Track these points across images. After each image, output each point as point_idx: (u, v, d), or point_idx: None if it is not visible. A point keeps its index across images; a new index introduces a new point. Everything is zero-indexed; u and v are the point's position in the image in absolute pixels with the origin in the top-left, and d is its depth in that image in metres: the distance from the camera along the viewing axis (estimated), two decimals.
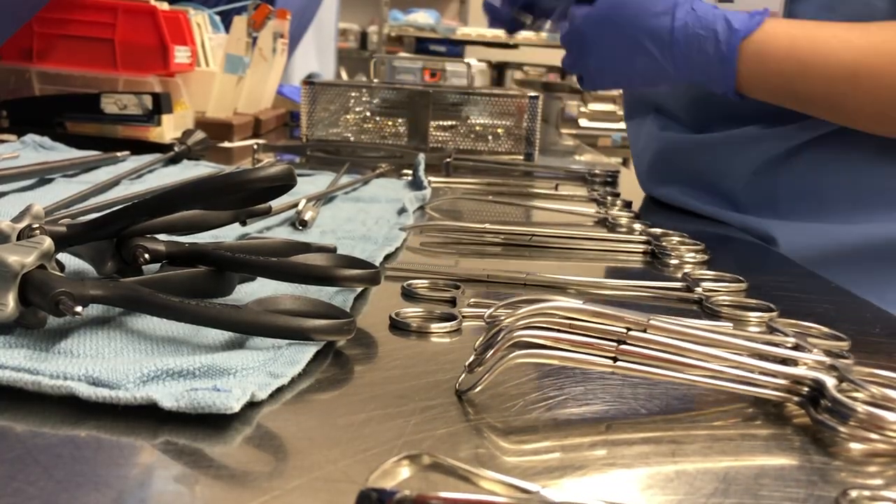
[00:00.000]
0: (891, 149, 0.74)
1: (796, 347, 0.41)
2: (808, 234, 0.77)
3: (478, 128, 1.20)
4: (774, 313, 0.50)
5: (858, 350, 0.44)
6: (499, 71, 4.65)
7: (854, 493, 0.28)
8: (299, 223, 0.64)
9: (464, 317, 0.45)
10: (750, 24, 0.71)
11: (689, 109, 0.88)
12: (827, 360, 0.39)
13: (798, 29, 0.72)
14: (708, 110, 0.85)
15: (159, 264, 0.45)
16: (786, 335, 0.43)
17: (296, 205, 0.68)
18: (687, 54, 0.73)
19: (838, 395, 0.34)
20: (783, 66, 0.71)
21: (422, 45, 4.52)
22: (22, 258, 0.36)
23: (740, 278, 0.57)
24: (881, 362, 0.44)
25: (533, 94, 1.18)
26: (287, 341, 0.37)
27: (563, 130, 2.95)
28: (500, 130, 1.20)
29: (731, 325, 0.47)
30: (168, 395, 0.31)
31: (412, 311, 0.46)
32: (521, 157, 1.18)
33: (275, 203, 0.53)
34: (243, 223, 0.60)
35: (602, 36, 0.77)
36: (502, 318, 0.36)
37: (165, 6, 1.13)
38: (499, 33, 4.44)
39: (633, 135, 1.01)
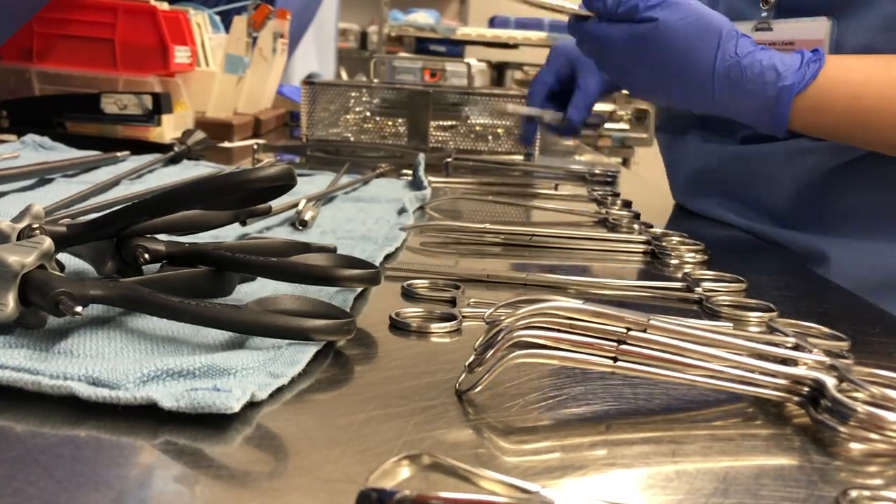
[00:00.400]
0: None
1: (796, 347, 0.41)
2: (864, 253, 0.73)
3: (478, 128, 1.20)
4: (774, 313, 0.50)
5: (858, 350, 0.44)
6: (499, 71, 4.65)
7: (854, 493, 0.28)
8: (299, 223, 0.64)
9: (464, 317, 0.45)
10: (804, 76, 0.65)
11: (736, 122, 0.82)
12: (827, 360, 0.39)
13: (857, 74, 0.66)
14: None
15: (159, 264, 0.45)
16: (786, 335, 0.43)
17: (296, 205, 0.68)
18: (729, 103, 0.67)
19: (838, 395, 0.34)
20: (842, 118, 0.66)
21: (422, 45, 4.52)
22: (22, 258, 0.36)
23: (740, 278, 0.57)
24: (881, 362, 0.44)
25: None
26: (287, 341, 0.37)
27: None
28: (500, 130, 1.20)
29: (731, 325, 0.48)
30: (168, 395, 0.31)
31: (412, 311, 0.46)
32: (521, 157, 1.18)
33: (275, 203, 0.53)
34: (243, 223, 0.60)
35: (635, 63, 0.70)
36: (502, 318, 0.36)
37: (165, 6, 1.13)
38: (499, 33, 4.44)
39: (669, 145, 0.97)
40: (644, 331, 0.36)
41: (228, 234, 0.59)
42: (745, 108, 0.68)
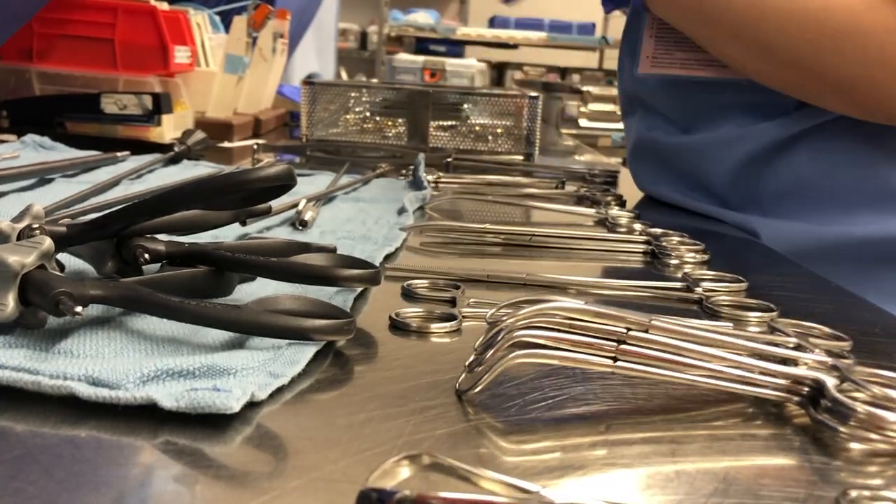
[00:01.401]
0: (868, 147, 0.75)
1: (798, 347, 0.41)
2: (790, 231, 0.78)
3: (478, 128, 1.20)
4: (774, 313, 0.50)
5: (858, 350, 0.44)
6: (499, 71, 4.65)
7: (854, 493, 0.28)
8: (299, 223, 0.64)
9: (464, 317, 0.45)
10: None
11: (675, 108, 0.89)
12: (829, 360, 0.39)
13: None
14: (691, 108, 0.86)
15: (159, 264, 0.45)
16: (787, 335, 0.43)
17: (296, 205, 0.68)
18: None
19: (838, 396, 0.34)
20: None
21: (422, 45, 4.52)
22: (22, 258, 0.36)
23: (740, 278, 0.57)
24: (881, 362, 0.44)
25: (533, 94, 1.18)
26: (287, 341, 0.37)
27: (563, 130, 2.95)
28: (499, 130, 1.20)
29: (731, 325, 0.48)
30: (168, 395, 0.31)
31: (412, 311, 0.46)
32: (521, 157, 1.18)
33: (275, 203, 0.53)
34: (243, 223, 0.60)
35: None
36: (504, 318, 0.36)
37: (165, 6, 1.13)
38: (499, 33, 4.44)
39: (627, 132, 1.02)
40: (646, 331, 0.36)
41: (228, 234, 0.59)
42: None
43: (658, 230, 0.71)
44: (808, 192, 0.78)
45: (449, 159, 1.04)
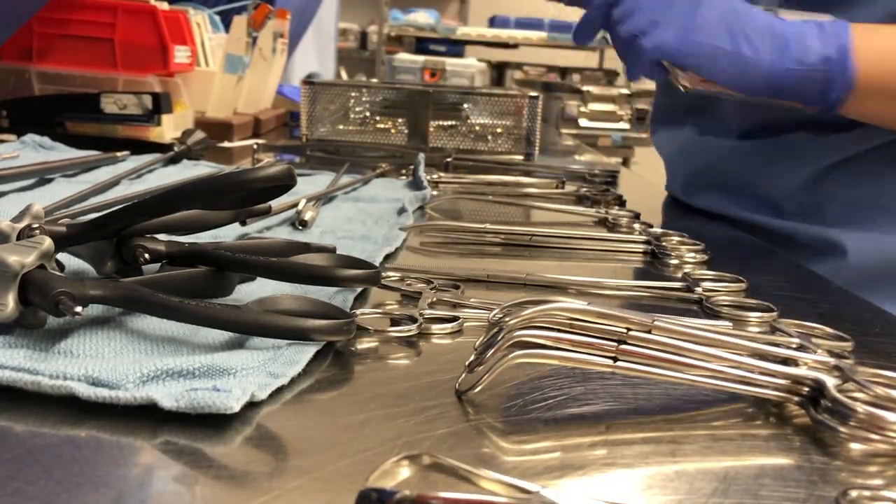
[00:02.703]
0: None
1: (800, 348, 0.41)
2: (882, 244, 0.73)
3: (478, 128, 1.20)
4: (774, 313, 0.50)
5: (857, 350, 0.44)
6: (499, 71, 4.65)
7: (854, 494, 0.28)
8: (299, 223, 0.64)
9: (464, 317, 0.45)
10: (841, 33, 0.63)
11: (734, 115, 0.83)
12: (831, 360, 0.39)
13: (881, 41, 0.64)
14: (753, 116, 0.81)
15: (159, 264, 0.45)
16: (790, 336, 0.43)
17: (296, 205, 0.68)
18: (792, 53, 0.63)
19: (838, 396, 0.34)
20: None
21: (422, 45, 4.52)
22: (22, 258, 0.36)
23: (740, 278, 0.57)
24: (881, 362, 0.44)
25: (533, 94, 1.18)
26: (287, 341, 0.37)
27: (563, 130, 2.95)
28: (499, 130, 1.20)
29: (731, 325, 0.48)
30: (168, 395, 0.31)
31: (411, 312, 0.46)
32: (521, 157, 1.18)
33: (275, 203, 0.53)
34: (243, 223, 0.60)
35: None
36: (508, 319, 0.36)
37: (165, 6, 1.13)
38: (499, 33, 4.43)
39: (666, 141, 0.96)
40: (649, 332, 0.35)
41: (228, 233, 0.59)
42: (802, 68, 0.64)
43: (658, 230, 0.71)
44: (880, 205, 0.73)
45: (449, 159, 1.04)
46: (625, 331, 0.35)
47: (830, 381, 0.35)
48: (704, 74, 0.67)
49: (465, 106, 1.20)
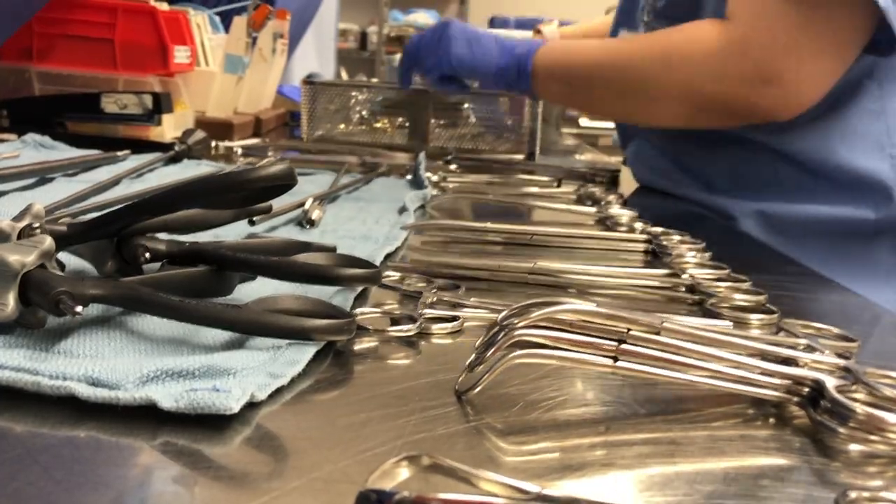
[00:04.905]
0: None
1: (808, 349, 0.41)
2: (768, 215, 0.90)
3: (478, 127, 1.20)
4: (775, 314, 0.50)
5: (860, 349, 0.44)
6: None
7: (853, 494, 0.28)
8: (307, 222, 0.65)
9: (464, 317, 0.45)
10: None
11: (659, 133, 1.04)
12: (840, 361, 0.39)
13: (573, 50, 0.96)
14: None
15: (160, 263, 0.44)
16: (797, 336, 0.43)
17: (302, 204, 0.68)
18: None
19: (838, 396, 0.34)
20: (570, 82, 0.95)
21: None
22: (22, 257, 0.36)
23: (742, 278, 0.57)
24: (881, 362, 0.43)
25: None
26: (287, 341, 0.37)
27: (564, 130, 2.94)
28: (500, 130, 1.20)
29: (731, 325, 0.47)
30: (167, 396, 0.31)
31: (411, 311, 0.46)
32: (522, 157, 1.18)
33: (281, 202, 0.53)
34: (252, 222, 0.60)
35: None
36: (515, 321, 0.36)
37: (165, 6, 1.13)
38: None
39: (627, 144, 1.16)
40: (658, 333, 0.35)
41: (229, 233, 0.59)
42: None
43: (658, 229, 0.71)
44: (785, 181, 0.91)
45: (449, 158, 1.04)
46: (625, 331, 0.35)
47: (830, 382, 0.35)
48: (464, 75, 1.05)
49: (466, 106, 1.20)
